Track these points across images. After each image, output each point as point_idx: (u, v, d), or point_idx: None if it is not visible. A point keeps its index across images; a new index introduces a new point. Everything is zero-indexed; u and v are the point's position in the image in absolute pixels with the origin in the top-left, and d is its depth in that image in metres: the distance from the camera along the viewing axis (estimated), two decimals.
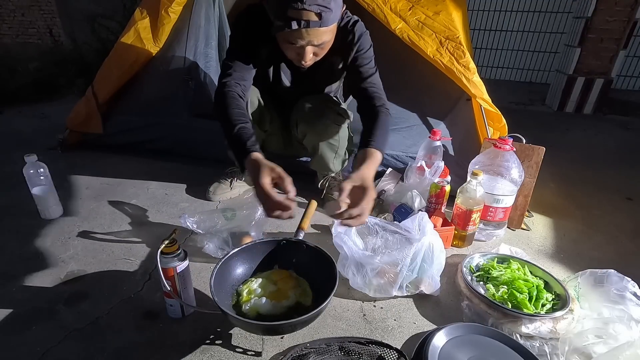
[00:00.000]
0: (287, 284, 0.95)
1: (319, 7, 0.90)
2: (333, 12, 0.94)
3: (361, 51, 1.18)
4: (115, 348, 0.87)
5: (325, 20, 0.92)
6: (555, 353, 0.84)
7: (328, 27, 0.97)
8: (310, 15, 0.91)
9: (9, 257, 1.18)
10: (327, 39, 1.01)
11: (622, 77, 3.96)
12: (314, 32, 0.96)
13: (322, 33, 0.97)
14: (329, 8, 0.92)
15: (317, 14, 0.91)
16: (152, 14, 1.79)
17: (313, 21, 0.92)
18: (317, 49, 1.04)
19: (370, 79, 1.19)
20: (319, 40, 1.00)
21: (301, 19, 0.91)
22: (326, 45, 1.05)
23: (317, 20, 0.92)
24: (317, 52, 1.06)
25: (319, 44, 1.01)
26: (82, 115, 1.91)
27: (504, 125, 1.52)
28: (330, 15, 0.93)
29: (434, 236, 1.03)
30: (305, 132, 1.34)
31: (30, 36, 4.95)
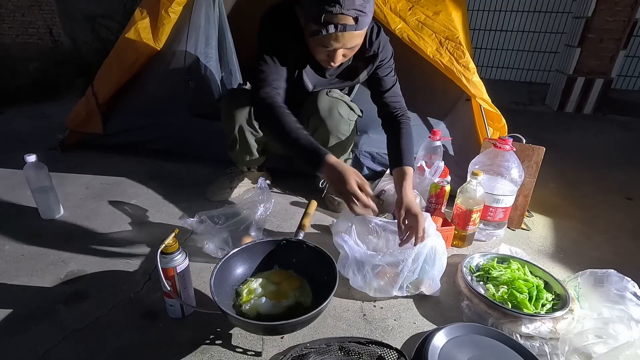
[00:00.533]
0: (288, 284, 0.95)
1: (356, 12, 0.91)
2: (367, 16, 0.95)
3: (384, 60, 1.20)
4: (115, 348, 0.87)
5: (361, 23, 0.93)
6: (555, 353, 0.84)
7: (362, 30, 0.98)
8: (347, 19, 0.91)
9: (9, 257, 1.18)
10: (359, 42, 1.03)
11: (622, 77, 3.96)
12: (349, 36, 0.96)
13: (356, 36, 0.98)
14: (364, 12, 0.92)
15: (354, 18, 0.91)
16: (152, 14, 1.79)
17: (349, 25, 0.92)
18: (347, 51, 1.04)
19: (393, 89, 1.24)
20: (352, 44, 1.01)
21: (338, 22, 0.91)
22: (356, 48, 1.06)
23: (353, 25, 0.92)
24: (347, 53, 1.06)
25: (352, 47, 1.02)
26: (82, 115, 1.91)
27: (503, 125, 1.52)
28: (366, 18, 0.94)
29: (437, 238, 1.03)
30: (316, 126, 1.34)
31: (30, 36, 4.95)
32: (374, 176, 1.59)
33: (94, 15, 4.30)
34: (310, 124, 1.36)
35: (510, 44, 4.34)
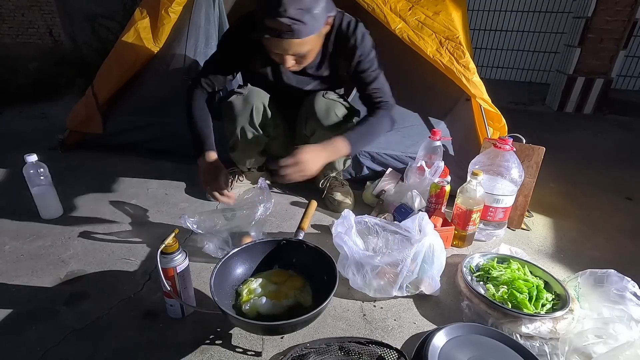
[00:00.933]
0: (287, 284, 0.95)
1: (291, 20, 0.92)
2: (308, 26, 0.95)
3: (362, 55, 1.20)
4: (115, 348, 0.87)
5: (297, 32, 0.94)
6: (555, 353, 0.84)
7: (302, 40, 0.98)
8: (282, 26, 0.93)
9: (9, 257, 1.18)
10: (303, 50, 1.03)
11: (622, 77, 3.95)
12: (288, 43, 0.98)
13: (296, 44, 0.99)
14: (302, 22, 0.93)
15: (288, 25, 0.93)
16: (152, 13, 1.79)
17: (286, 33, 0.94)
18: (298, 57, 1.06)
19: (374, 84, 1.23)
20: (294, 51, 1.02)
21: (275, 29, 0.94)
22: (308, 55, 1.08)
23: (290, 32, 0.94)
24: (299, 60, 1.08)
25: (295, 54, 1.04)
26: (82, 115, 1.91)
27: (503, 125, 1.52)
28: (304, 28, 0.95)
29: (435, 237, 1.03)
30: (314, 129, 1.34)
31: (30, 36, 4.95)
32: (374, 176, 1.59)
33: (94, 15, 4.30)
34: (307, 126, 1.36)
35: (510, 44, 4.34)
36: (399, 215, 1.28)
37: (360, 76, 1.23)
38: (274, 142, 1.48)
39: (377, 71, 1.24)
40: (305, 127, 1.37)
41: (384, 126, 1.22)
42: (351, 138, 1.11)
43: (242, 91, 1.31)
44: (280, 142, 1.49)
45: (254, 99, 1.31)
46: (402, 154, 1.58)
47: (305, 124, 1.36)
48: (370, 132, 1.18)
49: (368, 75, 1.23)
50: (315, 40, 1.05)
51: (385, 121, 1.21)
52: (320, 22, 1.00)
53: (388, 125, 1.24)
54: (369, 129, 1.18)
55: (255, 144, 1.41)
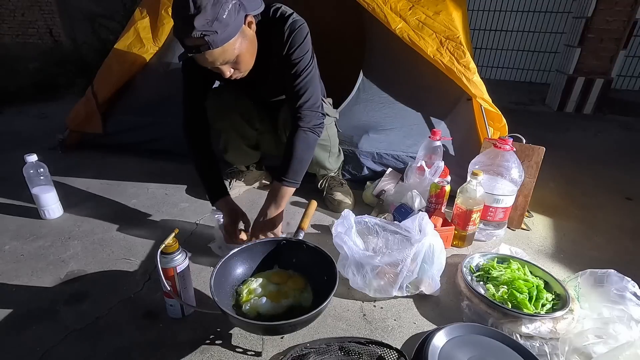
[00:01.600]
0: (288, 284, 0.95)
1: (202, 33, 0.90)
2: (220, 33, 0.92)
3: (292, 47, 1.11)
4: (115, 348, 0.87)
5: (213, 42, 0.92)
6: (555, 353, 0.84)
7: (222, 47, 0.95)
8: (197, 42, 0.91)
9: (9, 257, 1.18)
10: (229, 57, 0.99)
11: (622, 77, 3.96)
12: (210, 55, 0.95)
13: (219, 54, 0.96)
14: (212, 31, 0.90)
15: (199, 38, 0.90)
16: (152, 13, 1.79)
17: (202, 46, 0.92)
18: (231, 64, 1.03)
19: (299, 80, 1.12)
20: (221, 60, 0.98)
21: (192, 46, 0.93)
22: (241, 59, 1.03)
23: (205, 45, 0.92)
24: (235, 66, 1.04)
25: (226, 62, 1.00)
26: (82, 115, 1.91)
27: (504, 125, 1.52)
28: (217, 37, 0.92)
29: (435, 237, 1.03)
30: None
31: (30, 36, 4.95)
32: (374, 176, 1.59)
33: (94, 15, 4.30)
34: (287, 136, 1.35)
35: (510, 44, 4.34)
36: (399, 215, 1.28)
37: (286, 70, 1.12)
38: (263, 137, 1.47)
39: (307, 68, 1.12)
40: (285, 134, 1.36)
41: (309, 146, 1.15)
42: (290, 179, 1.13)
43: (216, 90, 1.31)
44: (270, 138, 1.49)
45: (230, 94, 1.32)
46: (402, 154, 1.58)
47: (285, 132, 1.36)
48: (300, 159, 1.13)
49: (295, 70, 1.11)
50: (240, 43, 0.99)
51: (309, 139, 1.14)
52: (235, 25, 0.95)
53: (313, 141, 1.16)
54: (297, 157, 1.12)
55: (245, 138, 1.42)
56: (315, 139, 1.17)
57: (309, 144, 1.15)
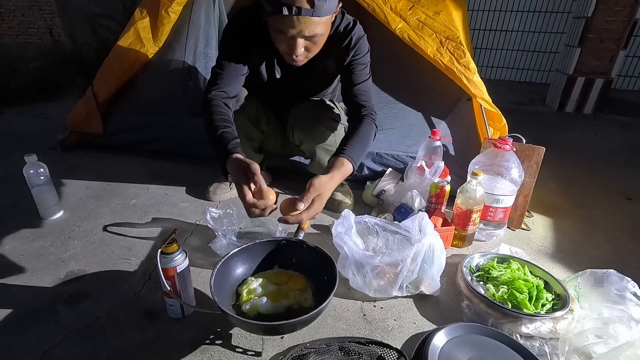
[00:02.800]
0: (288, 284, 0.95)
1: None
2: (327, 3, 0.90)
3: (357, 56, 1.16)
4: (115, 348, 0.87)
5: (318, 9, 0.89)
6: (555, 353, 0.84)
7: (321, 18, 0.93)
8: (302, 2, 0.88)
9: (9, 257, 1.18)
10: (319, 31, 0.97)
11: (622, 77, 3.96)
12: (306, 21, 0.92)
13: (314, 23, 0.93)
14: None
15: (309, 1, 0.88)
16: (152, 13, 1.79)
17: (305, 9, 0.88)
18: (309, 43, 1.00)
19: (361, 85, 1.17)
20: (311, 32, 0.95)
21: (293, 4, 0.88)
22: (319, 41, 1.01)
23: (309, 9, 0.88)
24: (309, 46, 1.02)
25: (311, 36, 0.97)
26: (82, 115, 1.91)
27: (504, 125, 1.52)
28: (324, 5, 0.89)
29: (435, 237, 1.03)
30: (301, 139, 1.35)
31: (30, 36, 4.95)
32: (374, 176, 1.59)
33: (94, 15, 4.30)
34: (295, 137, 1.36)
35: (510, 44, 4.34)
36: (399, 215, 1.28)
37: (349, 75, 1.17)
38: (269, 139, 1.47)
39: (368, 75, 1.20)
40: (293, 136, 1.37)
41: (372, 136, 1.17)
42: (353, 156, 1.04)
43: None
44: (275, 139, 1.48)
45: (245, 94, 1.31)
46: (402, 154, 1.58)
47: (293, 134, 1.37)
48: (365, 145, 1.12)
49: (358, 75, 1.17)
50: (328, 24, 0.99)
51: (373, 131, 1.16)
52: (335, 4, 0.95)
53: (374, 136, 1.18)
54: (364, 142, 1.11)
55: (249, 140, 1.41)
56: (374, 133, 1.16)
57: (372, 135, 1.14)
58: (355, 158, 1.03)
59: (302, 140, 1.35)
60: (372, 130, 1.15)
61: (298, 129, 1.33)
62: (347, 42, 1.13)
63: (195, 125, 1.81)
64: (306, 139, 1.34)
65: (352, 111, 1.19)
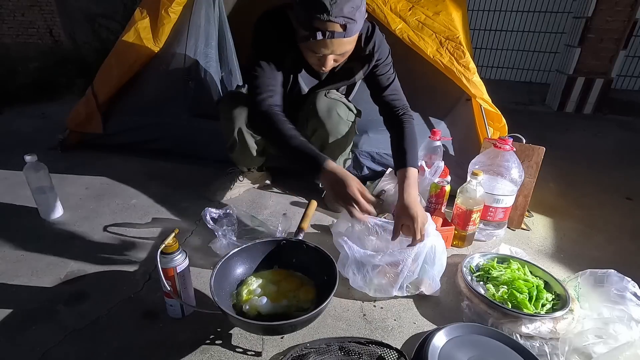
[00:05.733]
0: (288, 284, 0.95)
1: (345, 19, 0.91)
2: (357, 23, 0.95)
3: (381, 59, 1.20)
4: (115, 348, 0.87)
5: (349, 31, 0.94)
6: (555, 353, 0.84)
7: (352, 37, 0.99)
8: (335, 26, 0.92)
9: (9, 257, 1.18)
10: (349, 48, 1.04)
11: (622, 77, 3.96)
12: (338, 43, 0.97)
13: (345, 43, 0.99)
14: (354, 19, 0.93)
15: (342, 25, 0.92)
16: (152, 13, 1.79)
17: (338, 32, 0.93)
18: (338, 56, 1.06)
19: (391, 87, 1.22)
20: (342, 50, 1.02)
21: (326, 30, 0.92)
22: (347, 54, 1.08)
23: (342, 32, 0.93)
24: (338, 59, 1.08)
25: (342, 53, 1.04)
26: (82, 115, 1.91)
27: (504, 125, 1.52)
28: (355, 26, 0.95)
29: (437, 238, 1.03)
30: (315, 128, 1.34)
31: (30, 36, 4.95)
32: (374, 176, 1.59)
33: (94, 15, 4.31)
34: (309, 125, 1.36)
35: (510, 44, 4.34)
36: None
37: (377, 79, 1.23)
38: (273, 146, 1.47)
39: (393, 75, 1.24)
40: (307, 126, 1.37)
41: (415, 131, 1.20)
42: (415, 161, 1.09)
43: (241, 91, 1.31)
44: None
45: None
46: None
47: (307, 123, 1.36)
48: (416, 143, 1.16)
49: (385, 78, 1.22)
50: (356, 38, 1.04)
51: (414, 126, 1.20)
52: (364, 19, 1.00)
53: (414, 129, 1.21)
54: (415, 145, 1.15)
55: (253, 145, 1.41)
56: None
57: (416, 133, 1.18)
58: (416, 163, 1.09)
59: (317, 128, 1.34)
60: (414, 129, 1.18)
61: (313, 117, 1.32)
62: (371, 46, 1.17)
63: (195, 125, 1.82)
64: (320, 127, 1.33)
65: (389, 113, 1.22)
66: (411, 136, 1.15)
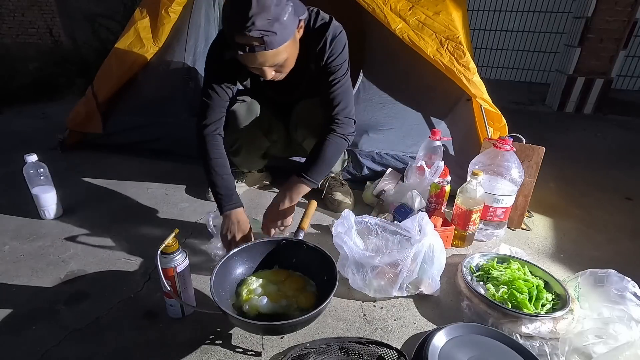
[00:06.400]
0: (288, 284, 0.95)
1: (261, 32, 0.89)
2: (278, 35, 0.92)
3: (332, 55, 1.13)
4: (115, 348, 0.87)
5: (269, 44, 0.92)
6: (555, 353, 0.84)
7: (276, 50, 0.95)
8: (253, 40, 0.91)
9: (9, 257, 1.18)
10: (280, 59, 1.00)
11: (622, 77, 3.96)
12: (262, 55, 0.95)
13: (271, 56, 0.96)
14: (271, 32, 0.90)
15: (258, 38, 0.90)
16: (152, 13, 1.79)
17: (257, 46, 0.92)
18: (276, 66, 1.03)
19: (337, 87, 1.14)
20: (271, 62, 0.99)
21: (245, 44, 0.92)
22: (286, 63, 1.04)
23: (261, 45, 0.92)
24: (278, 69, 1.04)
25: (273, 65, 1.01)
26: (82, 115, 1.91)
27: (504, 125, 1.52)
28: (275, 38, 0.92)
29: (435, 237, 1.03)
30: (304, 136, 1.35)
31: (30, 36, 4.96)
32: (374, 176, 1.59)
33: (94, 15, 4.31)
34: (298, 133, 1.36)
35: (510, 44, 4.34)
36: (399, 215, 1.28)
37: (324, 77, 1.15)
38: (275, 145, 1.48)
39: (343, 75, 1.15)
40: (297, 133, 1.37)
41: (339, 151, 1.16)
42: (309, 176, 1.10)
43: (244, 99, 1.31)
44: (281, 144, 1.49)
45: (256, 106, 1.31)
46: (402, 154, 1.58)
47: (296, 132, 1.37)
48: (327, 162, 1.13)
49: (333, 77, 1.14)
50: (291, 46, 1.00)
51: (340, 145, 1.15)
52: (291, 28, 0.96)
53: (343, 147, 1.17)
54: (325, 160, 1.12)
55: (258, 149, 1.43)
56: (345, 146, 1.17)
57: (339, 150, 1.16)
58: (313, 178, 1.12)
59: (305, 136, 1.35)
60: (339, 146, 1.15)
61: (301, 125, 1.33)
62: (321, 44, 1.12)
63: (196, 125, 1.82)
64: (309, 136, 1.33)
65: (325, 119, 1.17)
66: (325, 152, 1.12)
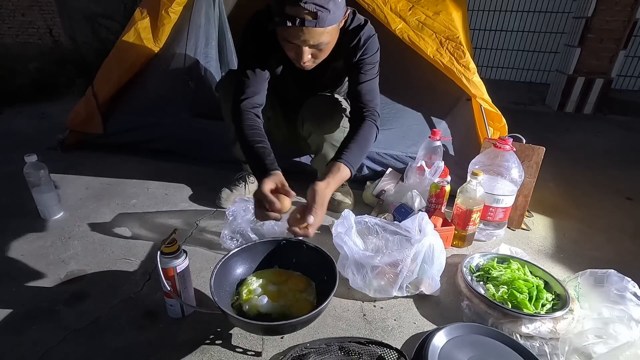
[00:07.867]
0: (288, 284, 0.95)
1: (316, 7, 0.89)
2: (331, 14, 0.92)
3: (365, 55, 1.16)
4: (115, 348, 0.87)
5: (321, 20, 0.91)
6: (555, 353, 0.84)
7: (325, 28, 0.95)
8: (305, 13, 0.90)
9: (9, 257, 1.18)
10: (324, 40, 0.99)
11: (622, 77, 3.95)
12: (309, 32, 0.94)
13: (318, 34, 0.95)
14: (326, 8, 0.90)
15: (312, 12, 0.89)
16: (152, 13, 1.79)
17: (308, 20, 0.90)
18: (315, 50, 1.02)
19: (367, 84, 1.17)
20: (315, 41, 0.98)
21: (297, 16, 0.90)
22: (326, 48, 1.04)
23: (313, 20, 0.91)
24: (316, 53, 1.04)
25: (316, 45, 1.00)
26: (82, 115, 1.91)
27: (504, 125, 1.52)
28: (328, 15, 0.91)
29: (435, 237, 1.03)
30: (310, 132, 1.34)
31: (30, 36, 4.95)
32: (374, 176, 1.59)
33: (94, 15, 4.30)
34: (304, 129, 1.36)
35: (510, 44, 4.34)
36: (399, 215, 1.28)
37: (356, 72, 1.16)
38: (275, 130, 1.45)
39: (374, 74, 1.19)
40: (302, 128, 1.37)
41: (373, 139, 1.16)
42: (351, 161, 1.04)
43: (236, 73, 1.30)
44: (282, 130, 1.47)
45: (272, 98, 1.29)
46: (402, 154, 1.58)
47: (302, 126, 1.36)
48: (364, 148, 1.11)
49: (365, 74, 1.16)
50: (335, 32, 1.00)
51: (374, 133, 1.15)
52: (342, 11, 0.97)
53: (374, 135, 1.16)
54: (363, 146, 1.10)
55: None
56: (375, 135, 1.15)
57: (372, 136, 1.13)
58: (353, 163, 1.03)
59: (311, 132, 1.34)
60: (373, 133, 1.14)
61: (308, 121, 1.32)
62: (355, 42, 1.14)
63: (196, 125, 1.82)
64: (315, 132, 1.33)
65: (355, 111, 1.19)
66: (363, 137, 1.09)
